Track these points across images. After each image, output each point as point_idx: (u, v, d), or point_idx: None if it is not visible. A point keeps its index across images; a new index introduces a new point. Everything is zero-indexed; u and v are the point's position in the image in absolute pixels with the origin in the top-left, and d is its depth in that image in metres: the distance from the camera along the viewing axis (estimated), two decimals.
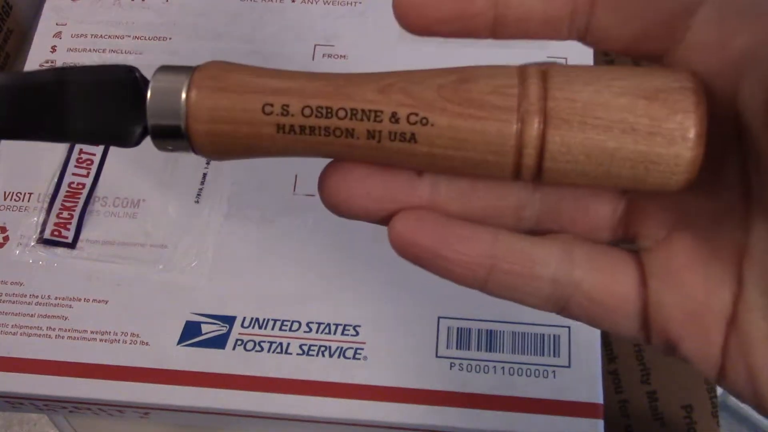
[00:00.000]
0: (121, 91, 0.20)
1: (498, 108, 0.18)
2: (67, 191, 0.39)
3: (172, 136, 0.19)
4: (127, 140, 0.20)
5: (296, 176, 0.39)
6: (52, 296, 0.37)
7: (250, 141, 0.19)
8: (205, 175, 0.39)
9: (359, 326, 0.36)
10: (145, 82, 0.19)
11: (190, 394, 0.35)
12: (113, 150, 0.40)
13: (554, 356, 0.35)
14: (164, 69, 0.19)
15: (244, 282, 0.37)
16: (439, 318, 0.36)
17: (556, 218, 0.21)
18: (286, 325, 0.36)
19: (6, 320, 0.37)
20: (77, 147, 0.40)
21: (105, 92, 0.20)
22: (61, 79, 0.20)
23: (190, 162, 0.40)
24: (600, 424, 0.33)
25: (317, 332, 0.36)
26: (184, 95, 0.18)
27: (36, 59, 0.43)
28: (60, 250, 0.38)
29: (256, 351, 0.36)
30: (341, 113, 0.19)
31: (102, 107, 0.20)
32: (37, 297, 0.37)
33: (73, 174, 0.40)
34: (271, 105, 0.18)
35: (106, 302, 0.37)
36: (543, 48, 0.41)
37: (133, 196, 0.39)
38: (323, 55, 0.42)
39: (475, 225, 0.20)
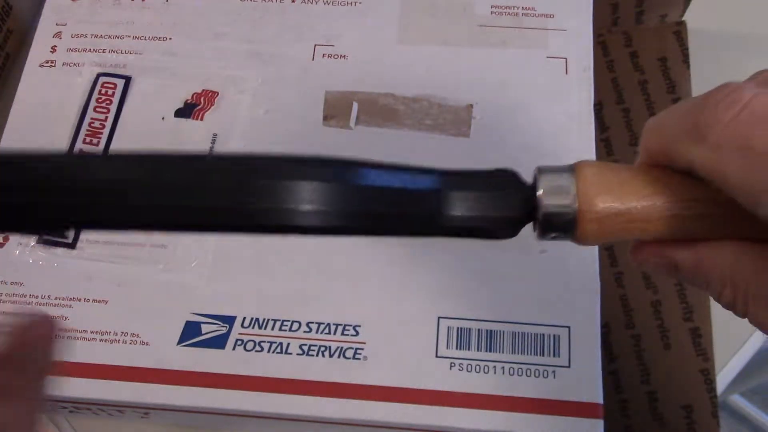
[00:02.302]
0: (506, 195, 0.23)
1: None
2: None
3: (559, 229, 0.22)
4: (505, 236, 0.23)
5: None
6: (52, 296, 0.37)
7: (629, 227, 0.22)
8: None
9: (359, 326, 0.36)
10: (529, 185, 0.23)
11: (190, 394, 0.35)
12: (113, 150, 0.40)
13: (554, 356, 0.35)
14: (544, 170, 0.23)
15: (244, 282, 0.37)
16: (439, 318, 0.36)
17: None
18: (286, 325, 0.36)
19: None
20: (77, 147, 0.40)
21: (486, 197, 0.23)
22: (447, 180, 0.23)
23: None
24: (600, 424, 0.33)
25: (317, 332, 0.36)
26: (574, 192, 0.22)
27: (36, 59, 0.43)
28: (60, 250, 0.38)
29: (256, 351, 0.36)
30: None
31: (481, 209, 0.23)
32: (37, 297, 0.37)
33: None
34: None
35: (106, 302, 0.37)
36: (543, 48, 0.41)
37: None
38: (323, 55, 0.42)
39: None
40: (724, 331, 0.40)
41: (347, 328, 0.36)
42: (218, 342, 0.36)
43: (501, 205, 0.23)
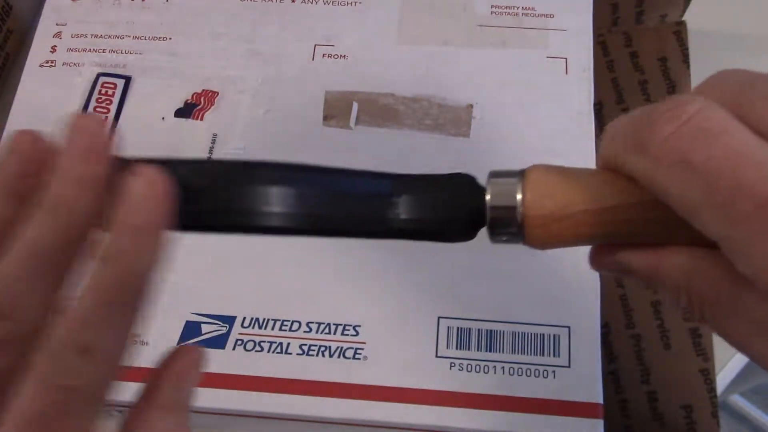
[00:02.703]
0: (460, 199, 0.23)
1: None
2: None
3: (508, 232, 0.22)
4: (459, 239, 0.24)
5: None
6: None
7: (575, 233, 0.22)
8: None
9: (359, 326, 0.36)
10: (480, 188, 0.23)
11: None
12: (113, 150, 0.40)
13: (554, 356, 0.35)
14: (494, 173, 0.23)
15: (244, 282, 0.37)
16: (439, 318, 0.36)
17: None
18: (286, 325, 0.36)
19: None
20: None
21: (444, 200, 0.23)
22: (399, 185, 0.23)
23: None
24: (600, 424, 0.33)
25: (317, 332, 0.36)
26: (519, 196, 0.22)
27: (36, 59, 0.43)
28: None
29: (256, 351, 0.36)
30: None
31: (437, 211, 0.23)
32: None
33: None
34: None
35: None
36: (543, 48, 0.41)
37: None
38: (323, 55, 0.42)
39: None
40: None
41: (347, 328, 0.36)
42: (218, 342, 0.36)
43: (449, 207, 0.23)
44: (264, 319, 0.36)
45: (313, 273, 0.37)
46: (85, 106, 0.41)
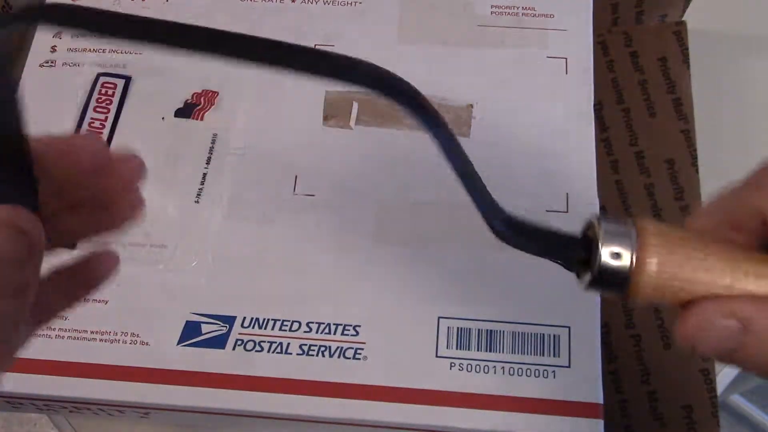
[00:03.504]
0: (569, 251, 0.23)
1: None
2: None
3: (612, 284, 0.22)
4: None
5: (296, 176, 0.39)
6: None
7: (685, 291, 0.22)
8: (205, 175, 0.39)
9: (359, 326, 0.36)
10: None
11: (190, 394, 0.35)
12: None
13: (554, 356, 0.35)
14: (605, 219, 0.22)
15: (244, 282, 0.37)
16: (439, 318, 0.36)
17: None
18: (286, 325, 0.36)
19: None
20: None
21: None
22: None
23: (190, 162, 0.40)
24: (600, 424, 0.33)
25: (317, 332, 0.36)
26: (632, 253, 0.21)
27: (36, 59, 0.43)
28: (60, 250, 0.38)
29: (256, 351, 0.36)
30: None
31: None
32: None
33: None
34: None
35: (106, 302, 0.37)
36: (543, 48, 0.41)
37: None
38: None
39: None
40: None
41: (347, 328, 0.36)
42: (218, 342, 0.36)
43: (555, 256, 0.24)
44: (264, 319, 0.36)
45: (313, 273, 0.37)
46: (85, 106, 0.41)
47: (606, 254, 0.21)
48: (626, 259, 0.21)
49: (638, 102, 0.45)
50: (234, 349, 0.36)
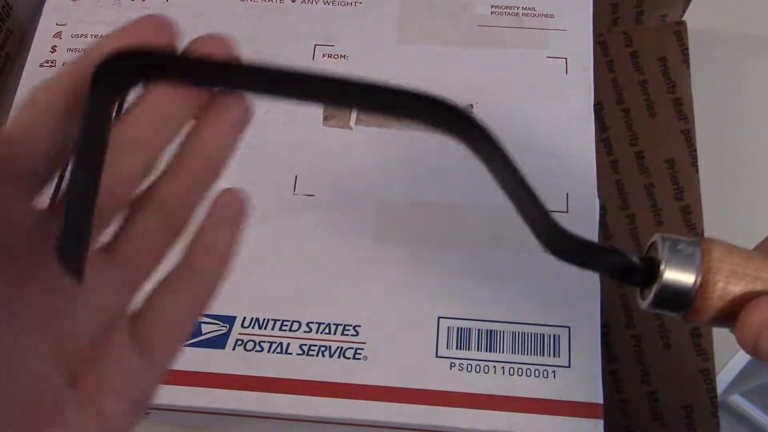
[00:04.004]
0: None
1: None
2: None
3: (674, 304, 0.22)
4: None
5: (296, 177, 0.39)
6: None
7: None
8: None
9: (359, 326, 0.36)
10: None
11: (190, 394, 0.35)
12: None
13: (554, 356, 0.35)
14: (667, 238, 0.22)
15: (244, 282, 0.37)
16: (439, 318, 0.36)
17: None
18: (286, 325, 0.36)
19: None
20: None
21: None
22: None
23: None
24: (600, 424, 0.33)
25: (317, 332, 0.36)
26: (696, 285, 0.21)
27: (36, 59, 0.43)
28: None
29: (256, 351, 0.36)
30: None
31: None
32: None
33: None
34: None
35: None
36: (543, 48, 0.41)
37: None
38: (323, 55, 0.42)
39: None
40: (724, 331, 0.40)
41: (347, 328, 0.36)
42: (218, 342, 0.36)
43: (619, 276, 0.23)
44: (264, 319, 0.36)
45: (313, 273, 0.37)
46: None
47: (670, 276, 0.21)
48: (689, 282, 0.21)
49: (638, 102, 0.45)
50: (234, 349, 0.36)
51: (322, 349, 0.36)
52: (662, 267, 0.21)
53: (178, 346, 0.22)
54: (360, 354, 0.35)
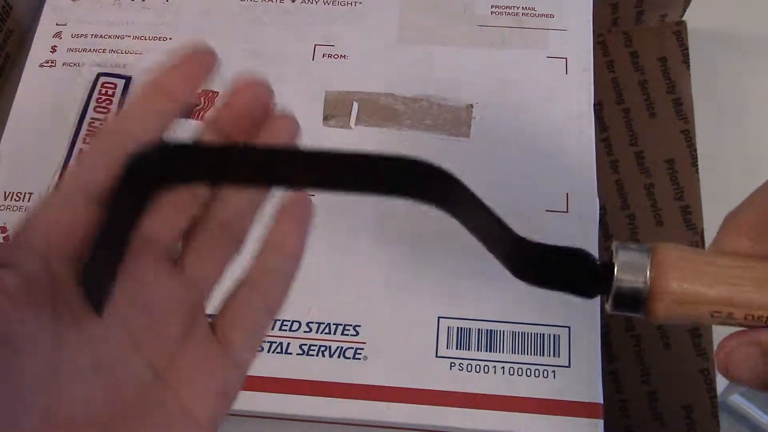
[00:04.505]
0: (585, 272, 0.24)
1: None
2: None
3: (631, 305, 0.23)
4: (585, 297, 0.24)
5: None
6: None
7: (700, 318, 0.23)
8: None
9: (359, 326, 0.36)
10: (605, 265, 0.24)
11: None
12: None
13: (554, 356, 0.35)
14: (621, 247, 0.23)
15: None
16: (439, 318, 0.36)
17: None
18: (286, 325, 0.36)
19: None
20: (77, 146, 0.40)
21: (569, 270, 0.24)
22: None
23: None
24: (600, 424, 0.33)
25: (317, 332, 0.36)
26: (647, 285, 0.22)
27: (36, 59, 0.43)
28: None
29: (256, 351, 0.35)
30: None
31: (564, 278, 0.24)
32: None
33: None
34: (719, 312, 0.22)
35: None
36: (543, 48, 0.41)
37: None
38: (323, 55, 0.42)
39: None
40: (724, 331, 0.40)
41: (347, 328, 0.36)
42: None
43: (572, 283, 0.24)
44: None
45: (313, 273, 0.37)
46: (85, 106, 0.41)
47: (623, 279, 0.22)
48: (640, 284, 0.22)
49: (638, 102, 0.45)
50: None
51: (322, 349, 0.36)
52: (615, 272, 0.23)
53: (257, 343, 0.24)
54: (360, 354, 0.35)
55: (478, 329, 0.35)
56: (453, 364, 0.35)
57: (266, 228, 0.25)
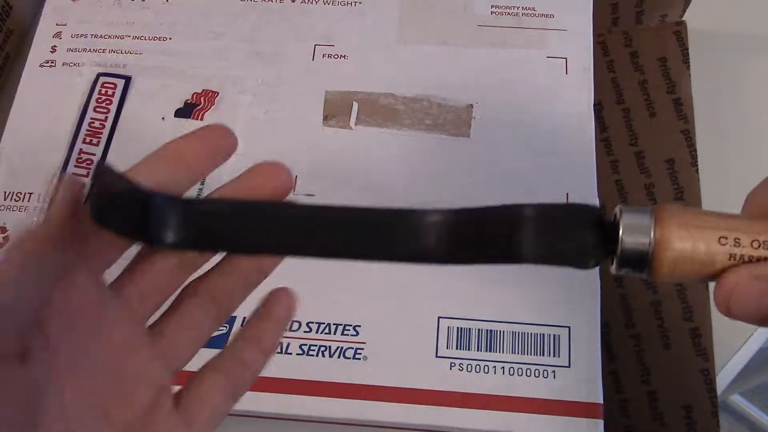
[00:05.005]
0: (588, 227, 0.23)
1: None
2: None
3: (636, 264, 0.23)
4: (584, 267, 0.24)
5: (296, 177, 0.39)
6: None
7: (703, 267, 0.22)
8: None
9: (359, 326, 0.36)
10: (608, 221, 0.23)
11: None
12: (113, 150, 0.40)
13: (554, 356, 0.35)
14: (626, 209, 0.23)
15: None
16: (439, 318, 0.36)
17: None
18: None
19: None
20: (77, 147, 0.40)
21: (568, 226, 0.24)
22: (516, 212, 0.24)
23: None
24: (600, 424, 0.33)
25: (317, 332, 0.36)
26: (652, 234, 0.22)
27: (36, 59, 0.43)
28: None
29: None
30: None
31: (563, 240, 0.24)
32: None
33: (73, 174, 0.40)
34: (726, 238, 0.22)
35: None
36: (543, 48, 0.41)
37: None
38: (323, 55, 0.42)
39: None
40: (724, 331, 0.40)
41: (347, 328, 0.36)
42: (218, 342, 0.36)
43: (581, 243, 0.24)
44: None
45: (313, 273, 0.37)
46: (85, 106, 0.41)
47: (627, 240, 0.22)
48: (645, 242, 0.22)
49: (638, 102, 0.45)
50: None
51: (322, 349, 0.36)
52: (620, 232, 0.23)
53: (217, 423, 0.24)
54: (360, 354, 0.35)
55: (478, 329, 0.35)
56: (453, 364, 0.35)
57: (247, 318, 0.25)
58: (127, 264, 0.23)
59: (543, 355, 0.35)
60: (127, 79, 0.42)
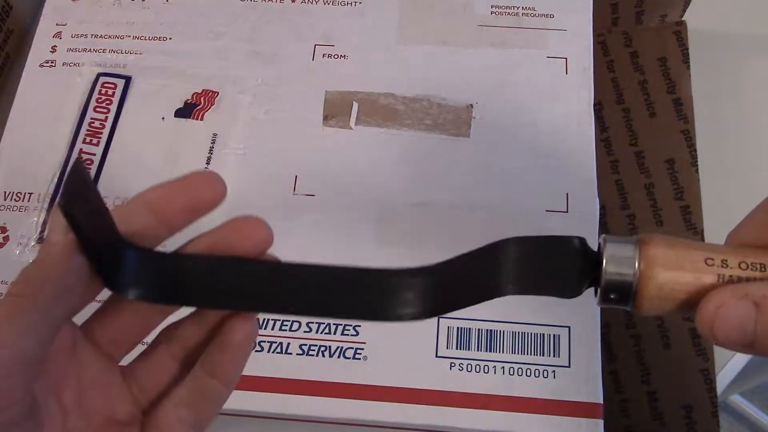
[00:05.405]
0: (571, 259, 0.23)
1: None
2: None
3: (620, 294, 0.22)
4: (568, 296, 0.24)
5: (296, 177, 0.39)
6: None
7: (690, 293, 0.22)
8: None
9: (359, 326, 0.36)
10: (592, 251, 0.23)
11: None
12: (113, 150, 0.40)
13: (554, 356, 0.35)
14: (610, 240, 0.23)
15: None
16: (439, 318, 0.36)
17: None
18: (286, 325, 0.36)
19: None
20: (77, 147, 0.40)
21: (552, 261, 0.24)
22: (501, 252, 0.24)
23: (190, 162, 0.40)
24: (600, 424, 0.33)
25: (317, 332, 0.36)
26: (636, 264, 0.22)
27: (36, 59, 0.43)
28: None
29: (256, 351, 0.35)
30: None
31: (546, 272, 0.24)
32: None
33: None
34: (712, 259, 0.22)
35: None
36: (543, 48, 0.41)
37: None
38: (323, 55, 0.42)
39: None
40: None
41: (347, 327, 0.36)
42: None
43: (564, 274, 0.24)
44: (264, 319, 0.36)
45: None
46: (85, 106, 0.41)
47: (611, 272, 0.22)
48: (629, 275, 0.22)
49: (638, 102, 0.45)
50: None
51: (322, 349, 0.36)
52: (603, 265, 0.22)
53: None
54: (360, 354, 0.35)
55: (478, 329, 0.35)
56: (453, 364, 0.35)
57: (207, 348, 0.24)
58: (98, 306, 0.23)
59: (543, 355, 0.35)
60: (127, 79, 0.42)
